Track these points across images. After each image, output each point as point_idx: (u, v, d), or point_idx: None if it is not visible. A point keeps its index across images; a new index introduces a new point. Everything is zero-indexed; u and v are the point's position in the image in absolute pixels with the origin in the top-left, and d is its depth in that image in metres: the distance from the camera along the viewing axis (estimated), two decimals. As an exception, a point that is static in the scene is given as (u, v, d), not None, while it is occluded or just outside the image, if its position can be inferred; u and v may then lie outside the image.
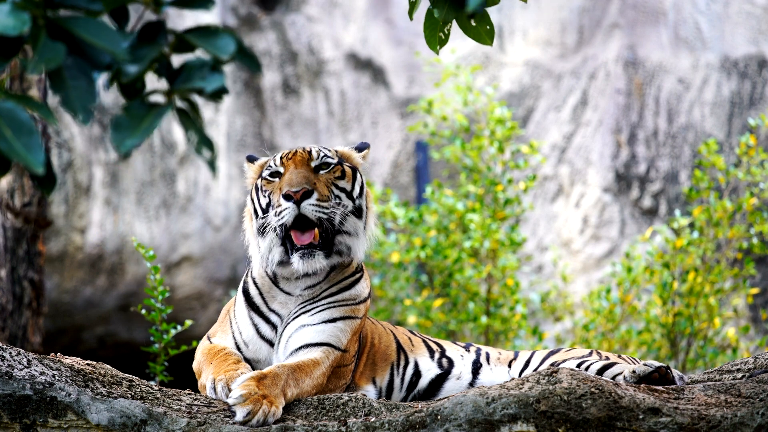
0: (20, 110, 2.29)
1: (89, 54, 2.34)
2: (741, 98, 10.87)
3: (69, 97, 2.33)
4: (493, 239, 8.02)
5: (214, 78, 2.37)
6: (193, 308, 10.75)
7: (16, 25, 2.27)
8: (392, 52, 11.25)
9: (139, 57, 2.36)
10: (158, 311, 5.33)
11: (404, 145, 11.26)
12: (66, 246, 10.28)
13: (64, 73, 2.32)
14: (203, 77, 2.37)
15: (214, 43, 2.37)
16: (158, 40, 2.37)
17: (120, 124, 2.37)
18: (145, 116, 2.38)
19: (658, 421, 3.58)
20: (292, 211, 4.05)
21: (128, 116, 2.38)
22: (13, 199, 7.09)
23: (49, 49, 2.30)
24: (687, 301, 7.76)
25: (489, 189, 8.25)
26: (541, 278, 10.40)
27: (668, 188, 10.78)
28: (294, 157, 4.20)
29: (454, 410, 3.61)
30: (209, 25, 2.39)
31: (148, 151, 10.56)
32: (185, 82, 2.38)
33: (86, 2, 2.35)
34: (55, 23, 2.33)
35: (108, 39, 2.31)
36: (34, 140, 2.29)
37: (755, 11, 10.94)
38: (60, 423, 3.64)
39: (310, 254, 4.07)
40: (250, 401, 3.67)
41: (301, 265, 4.07)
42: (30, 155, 2.29)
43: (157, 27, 2.39)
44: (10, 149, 2.29)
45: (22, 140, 2.29)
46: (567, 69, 11.05)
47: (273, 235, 4.13)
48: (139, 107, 2.39)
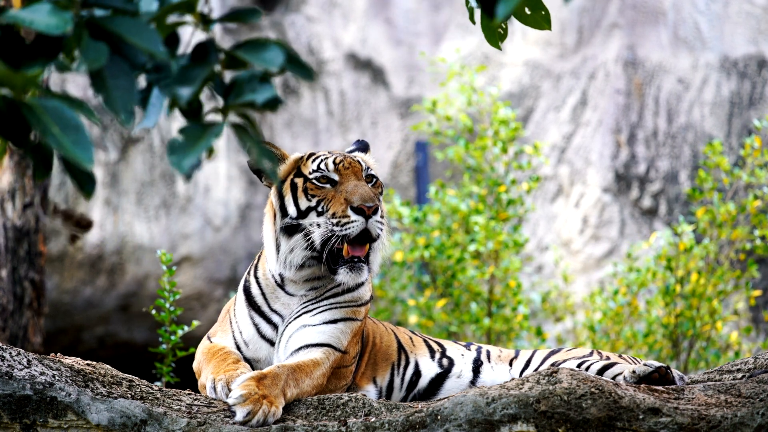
0: (66, 108, 2.29)
1: (128, 54, 2.34)
2: (741, 98, 10.87)
3: (111, 98, 2.32)
4: (497, 240, 8.02)
5: (265, 89, 2.37)
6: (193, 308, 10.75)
7: (58, 24, 2.27)
8: (392, 52, 11.25)
9: (192, 78, 2.36)
10: (168, 312, 5.34)
11: (404, 145, 11.27)
12: (66, 246, 10.28)
13: (105, 72, 2.32)
14: (254, 90, 2.37)
15: (263, 56, 2.37)
16: (209, 59, 2.37)
17: (176, 146, 2.37)
18: (201, 136, 2.38)
19: (658, 421, 3.58)
20: (360, 225, 4.03)
21: (185, 137, 2.38)
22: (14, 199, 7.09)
23: (93, 49, 2.29)
24: (690, 302, 7.75)
25: (492, 190, 8.24)
26: (541, 278, 10.40)
27: (668, 188, 10.78)
28: (352, 167, 4.16)
29: (454, 410, 3.61)
30: (258, 38, 2.39)
31: (148, 151, 10.56)
32: (237, 97, 2.38)
33: (122, 2, 2.35)
34: (96, 23, 2.33)
35: (148, 39, 2.31)
36: (82, 136, 2.28)
37: (755, 11, 10.94)
38: (60, 423, 3.64)
39: (359, 268, 4.06)
40: (250, 401, 3.67)
41: (348, 277, 4.06)
42: (79, 151, 2.28)
43: (208, 46, 2.39)
44: (58, 145, 2.28)
45: (70, 136, 2.28)
46: (567, 69, 11.05)
47: (301, 237, 4.09)
48: (194, 127, 2.39)
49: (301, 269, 4.14)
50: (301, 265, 4.12)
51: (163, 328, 5.37)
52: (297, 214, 4.12)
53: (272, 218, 4.19)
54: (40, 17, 2.29)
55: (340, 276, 4.07)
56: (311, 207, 4.10)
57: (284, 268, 4.14)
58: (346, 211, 4.05)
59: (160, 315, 5.35)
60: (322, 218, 4.06)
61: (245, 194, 10.93)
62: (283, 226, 4.13)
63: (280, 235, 4.14)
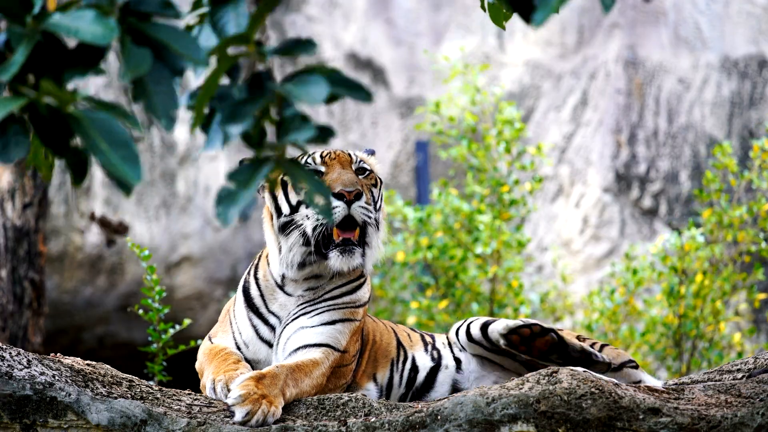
0: (114, 121, 2.24)
1: (168, 60, 2.30)
2: (741, 98, 10.87)
3: (153, 104, 2.28)
4: (500, 240, 8.02)
5: (306, 129, 2.33)
6: (193, 308, 10.75)
7: (105, 34, 2.22)
8: (392, 52, 11.25)
9: (244, 114, 2.32)
10: (155, 311, 5.32)
11: (404, 145, 11.27)
12: (66, 246, 10.28)
13: (147, 79, 2.28)
14: (297, 129, 2.34)
15: (307, 91, 2.33)
16: (263, 95, 2.34)
17: (223, 196, 2.33)
18: (251, 178, 2.34)
19: (658, 421, 3.58)
20: (342, 211, 4.02)
21: (234, 183, 2.34)
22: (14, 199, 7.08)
23: (136, 56, 2.25)
24: (693, 303, 7.74)
25: (494, 190, 8.24)
26: (541, 278, 10.40)
27: (668, 188, 10.77)
28: (338, 158, 4.17)
29: (454, 410, 3.61)
30: (306, 68, 2.35)
31: (148, 151, 10.57)
32: (283, 136, 2.35)
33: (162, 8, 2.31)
34: (137, 29, 2.29)
35: (188, 46, 2.29)
36: (131, 152, 2.23)
37: (755, 11, 10.94)
38: (60, 423, 3.64)
39: (350, 251, 4.04)
40: (249, 401, 3.66)
41: (339, 261, 4.04)
42: (127, 168, 2.22)
43: (263, 78, 2.36)
44: (107, 162, 2.22)
45: (119, 152, 2.23)
46: (567, 69, 11.05)
47: (297, 234, 4.09)
48: (245, 171, 2.35)
49: (302, 268, 4.13)
50: (301, 263, 4.12)
51: (151, 327, 5.35)
52: (290, 210, 4.13)
53: (270, 221, 4.20)
54: (85, 26, 2.23)
55: (332, 260, 4.05)
56: (301, 200, 4.11)
57: (287, 268, 4.14)
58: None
59: (147, 314, 5.32)
60: (311, 209, 4.05)
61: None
62: (280, 225, 4.14)
63: (280, 237, 4.15)
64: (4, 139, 2.27)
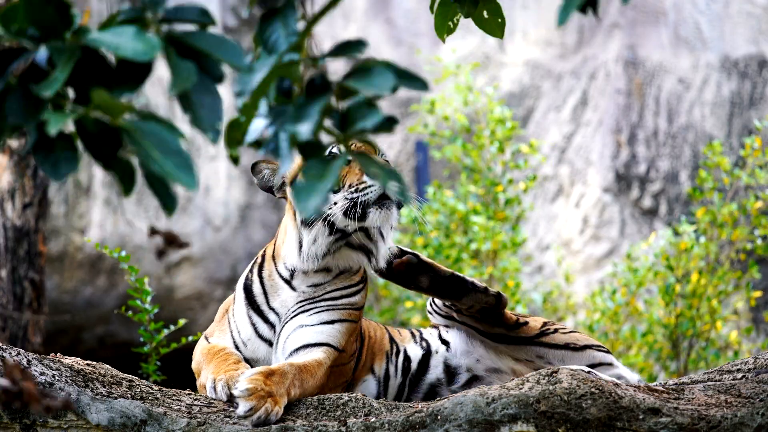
0: (164, 130, 2.22)
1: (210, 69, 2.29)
2: (741, 98, 10.87)
3: (198, 116, 2.27)
4: (495, 240, 8.02)
5: (372, 115, 2.33)
6: (193, 308, 10.75)
7: (146, 50, 2.19)
8: (392, 52, 11.25)
9: (309, 114, 2.31)
10: (144, 311, 5.29)
11: (404, 145, 11.27)
12: (66, 246, 10.28)
13: (192, 91, 2.26)
14: (363, 117, 2.33)
15: (372, 82, 2.33)
16: (324, 93, 2.33)
17: (301, 189, 2.32)
18: (324, 173, 2.33)
19: (658, 421, 3.58)
20: (378, 189, 4.04)
21: (307, 178, 2.33)
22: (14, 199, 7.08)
23: (183, 70, 2.23)
24: (690, 302, 7.75)
25: (489, 189, 8.24)
26: (542, 278, 10.40)
27: (668, 188, 10.78)
28: (365, 146, 4.20)
29: (454, 410, 3.61)
30: (366, 62, 2.35)
31: (148, 151, 10.57)
32: (349, 127, 2.34)
33: (199, 16, 2.30)
34: (179, 40, 2.26)
35: (230, 53, 2.27)
36: (184, 159, 2.22)
37: (755, 11, 10.94)
38: (60, 423, 3.64)
39: (388, 207, 4.05)
40: (254, 397, 3.66)
41: (378, 216, 4.04)
42: (183, 175, 2.22)
43: (317, 81, 2.36)
44: (161, 170, 2.22)
45: (173, 160, 2.22)
46: (567, 69, 11.05)
47: (321, 224, 4.08)
48: (316, 166, 2.34)
49: (324, 257, 4.15)
50: (325, 253, 4.13)
51: (142, 327, 5.32)
52: None
53: (293, 216, 4.19)
54: (126, 42, 2.20)
55: (370, 217, 4.04)
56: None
57: (307, 260, 4.14)
58: (362, 177, 4.07)
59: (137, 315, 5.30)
60: (339, 195, 4.05)
61: (245, 194, 10.93)
62: (303, 217, 4.13)
63: (302, 230, 4.14)
64: (54, 155, 2.25)
